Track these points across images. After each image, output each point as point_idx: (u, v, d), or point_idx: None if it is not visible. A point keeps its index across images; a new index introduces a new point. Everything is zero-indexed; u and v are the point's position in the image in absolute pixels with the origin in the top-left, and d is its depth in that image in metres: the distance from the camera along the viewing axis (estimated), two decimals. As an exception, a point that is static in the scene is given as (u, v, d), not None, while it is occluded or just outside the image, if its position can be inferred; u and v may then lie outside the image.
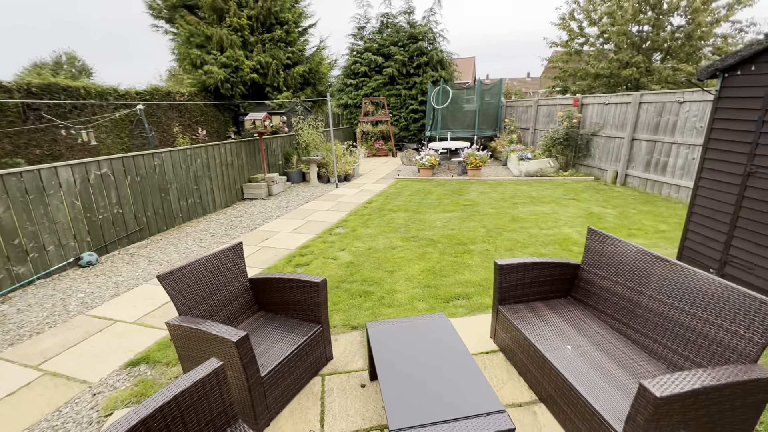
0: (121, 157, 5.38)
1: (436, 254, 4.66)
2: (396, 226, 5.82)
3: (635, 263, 2.33)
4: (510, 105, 13.64)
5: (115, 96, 11.37)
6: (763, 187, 3.13)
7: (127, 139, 11.49)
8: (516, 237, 5.17)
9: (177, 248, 5.32)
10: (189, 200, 6.63)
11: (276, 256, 4.87)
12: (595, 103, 8.91)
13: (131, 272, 4.54)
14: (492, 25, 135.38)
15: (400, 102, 15.08)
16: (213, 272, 2.54)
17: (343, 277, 4.11)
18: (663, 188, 7.16)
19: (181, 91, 13.18)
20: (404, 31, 14.79)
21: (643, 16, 12.53)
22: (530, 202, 7.05)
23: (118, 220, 5.31)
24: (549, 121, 10.87)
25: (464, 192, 8.00)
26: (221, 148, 7.48)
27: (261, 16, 13.20)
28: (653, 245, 4.72)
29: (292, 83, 13.87)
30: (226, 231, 6.03)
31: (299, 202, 7.71)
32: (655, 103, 7.25)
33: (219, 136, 14.20)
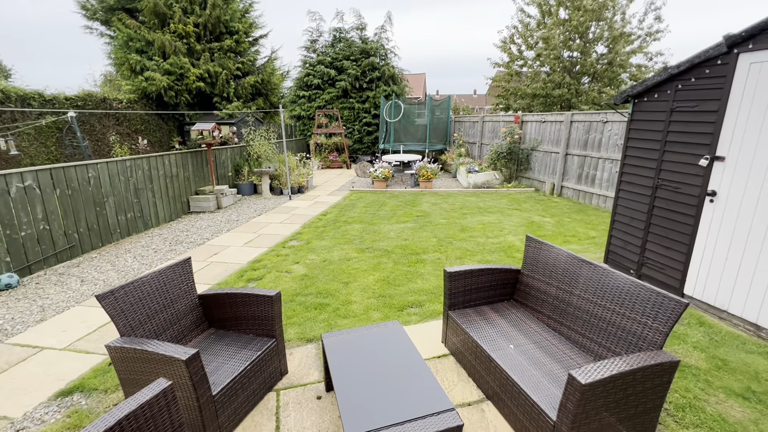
0: (48, 169, 4.94)
1: (390, 264, 4.77)
2: (351, 238, 5.88)
3: (566, 267, 2.60)
4: (458, 120, 14.35)
5: (41, 101, 10.40)
6: (667, 198, 3.62)
7: (54, 148, 10.51)
8: (465, 246, 5.45)
9: (115, 266, 4.95)
10: (128, 214, 6.20)
11: (226, 271, 4.71)
12: (533, 120, 9.69)
13: (60, 294, 4.15)
14: (442, 43, 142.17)
15: (354, 115, 15.28)
16: (159, 290, 2.43)
17: (297, 290, 4.08)
18: (593, 198, 7.91)
19: (119, 98, 12.35)
20: (356, 46, 15.10)
21: (573, 43, 13.91)
22: (478, 212, 7.45)
23: (44, 238, 4.84)
24: (494, 136, 11.59)
25: (417, 203, 8.27)
26: (165, 159, 7.11)
27: (209, 24, 12.82)
28: (584, 250, 5.20)
29: (242, 93, 13.55)
30: (170, 246, 5.71)
31: (251, 215, 7.50)
32: (584, 122, 8.05)
33: (162, 146, 13.42)
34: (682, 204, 3.48)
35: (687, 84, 3.34)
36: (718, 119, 3.12)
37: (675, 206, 3.55)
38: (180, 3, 12.37)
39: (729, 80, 3.02)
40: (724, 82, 3.06)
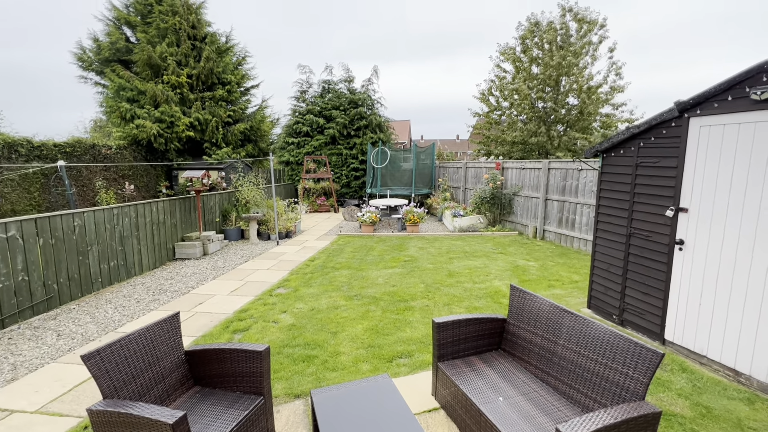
0: (34, 218, 4.90)
1: (378, 312, 4.77)
2: (339, 285, 5.87)
3: (549, 316, 2.69)
4: (443, 166, 14.91)
5: (29, 148, 10.44)
6: (640, 245, 3.83)
7: (37, 194, 10.40)
8: (453, 291, 5.50)
9: (94, 318, 4.79)
10: (112, 263, 6.09)
11: (212, 322, 4.61)
12: (514, 167, 10.18)
13: (35, 350, 3.98)
14: (425, 91, 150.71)
15: (342, 160, 15.73)
16: (146, 347, 2.40)
17: (285, 342, 4.02)
18: (574, 242, 8.18)
19: (108, 144, 12.49)
20: (345, 96, 15.88)
21: (545, 94, 14.98)
22: (464, 256, 7.58)
23: (21, 289, 4.69)
24: (477, 181, 12.05)
25: (404, 248, 8.37)
26: (153, 206, 7.13)
27: (203, 75, 13.39)
28: (568, 295, 5.32)
29: (232, 140, 13.89)
30: (153, 296, 5.59)
31: (237, 261, 7.44)
32: (561, 169, 8.51)
33: (149, 191, 13.41)
34: (655, 252, 3.68)
35: (648, 142, 3.67)
36: (678, 174, 3.41)
37: (648, 253, 3.75)
38: (175, 56, 12.97)
39: (684, 140, 3.35)
40: (679, 141, 3.38)
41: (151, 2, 13.16)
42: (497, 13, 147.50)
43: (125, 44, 13.01)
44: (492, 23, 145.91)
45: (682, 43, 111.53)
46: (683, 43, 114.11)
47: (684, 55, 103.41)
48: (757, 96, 2.75)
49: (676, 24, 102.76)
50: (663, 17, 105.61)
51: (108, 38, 13.02)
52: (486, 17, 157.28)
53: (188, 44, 13.24)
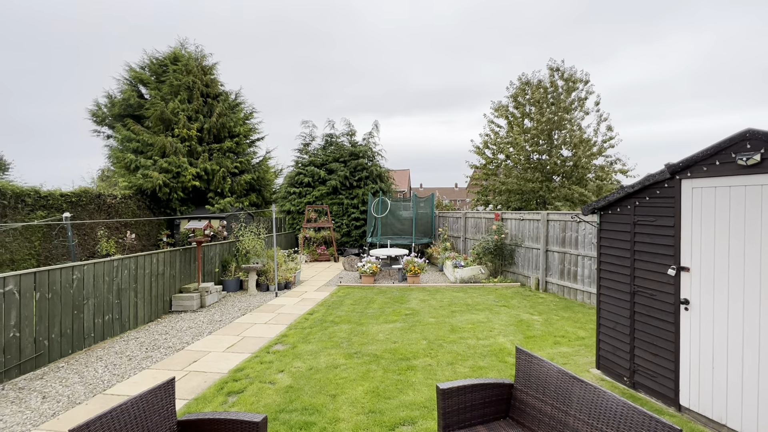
0: (33, 272, 4.88)
1: (380, 372, 4.58)
2: (338, 341, 5.70)
3: (558, 383, 2.59)
4: (443, 215, 15.09)
5: (36, 197, 10.63)
6: (646, 304, 3.78)
7: (38, 243, 10.42)
8: (456, 349, 5.33)
9: (83, 377, 4.59)
10: (107, 317, 5.96)
11: (206, 382, 4.42)
12: (513, 218, 10.30)
13: (16, 415, 3.77)
14: (423, 141, 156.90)
15: (342, 210, 15.94)
16: (137, 418, 2.28)
17: (281, 406, 3.82)
18: (578, 294, 8.06)
19: (114, 194, 12.73)
20: (346, 149, 16.48)
21: (539, 147, 15.56)
22: (467, 309, 7.43)
23: (11, 347, 4.55)
24: (477, 231, 12.13)
25: (405, 300, 8.23)
26: (154, 258, 7.11)
27: (214, 129, 13.99)
28: (576, 353, 5.15)
29: (237, 189, 14.20)
30: (146, 353, 5.39)
31: (235, 315, 7.27)
32: (560, 221, 8.61)
33: (150, 240, 13.44)
34: (661, 311, 3.63)
35: (643, 201, 3.77)
36: (676, 233, 3.47)
37: (655, 312, 3.69)
38: (186, 111, 13.64)
39: (678, 201, 3.45)
40: (673, 202, 3.48)
41: (167, 62, 14.11)
42: (489, 74, 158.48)
43: (137, 100, 13.74)
44: (484, 83, 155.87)
45: (667, 97, 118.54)
46: (669, 97, 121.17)
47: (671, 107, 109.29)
48: (743, 162, 2.88)
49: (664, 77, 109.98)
50: (646, 72, 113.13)
51: (122, 95, 13.79)
52: (478, 78, 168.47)
53: (200, 101, 13.99)
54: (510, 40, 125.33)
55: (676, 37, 67.44)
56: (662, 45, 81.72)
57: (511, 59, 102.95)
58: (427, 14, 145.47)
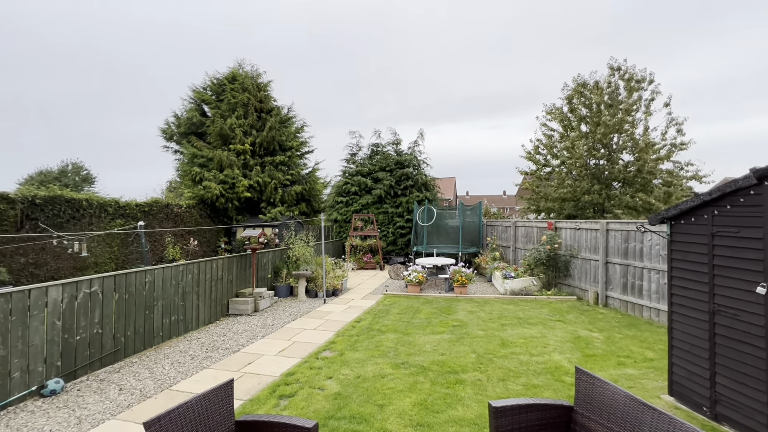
0: (113, 275, 5.42)
1: (427, 385, 4.50)
2: (385, 350, 5.69)
3: (626, 410, 2.37)
4: (491, 224, 14.65)
5: (115, 207, 11.86)
6: (728, 325, 3.36)
7: (117, 249, 11.59)
8: (507, 365, 5.09)
9: (152, 373, 5.00)
10: (173, 317, 6.46)
11: (259, 384, 4.61)
12: (568, 227, 9.73)
13: (98, 404, 4.18)
14: (469, 148, 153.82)
15: (388, 218, 16.05)
16: (200, 415, 2.43)
17: (330, 413, 3.87)
18: (643, 311, 7.39)
19: (180, 204, 13.86)
20: (392, 158, 16.64)
21: (597, 152, 14.61)
22: (518, 323, 7.09)
23: (95, 341, 5.08)
24: (528, 240, 11.61)
25: (452, 311, 8.04)
26: (214, 264, 7.61)
27: (265, 143, 14.82)
28: (643, 376, 4.70)
29: (288, 199, 14.86)
30: (207, 353, 5.76)
31: (286, 320, 7.55)
32: (621, 230, 7.99)
33: (209, 246, 14.45)
34: (748, 334, 3.21)
35: (723, 210, 3.38)
36: (766, 246, 3.06)
37: (739, 335, 3.28)
38: (242, 127, 14.59)
39: (767, 209, 3.05)
40: (762, 211, 3.08)
41: (225, 82, 15.23)
42: (538, 78, 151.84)
43: (200, 119, 14.95)
44: (534, 87, 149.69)
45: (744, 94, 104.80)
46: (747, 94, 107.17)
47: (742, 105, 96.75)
48: None
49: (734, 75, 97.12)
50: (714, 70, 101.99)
51: (187, 114, 15.09)
52: (527, 82, 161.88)
53: (254, 116, 14.90)
54: (561, 44, 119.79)
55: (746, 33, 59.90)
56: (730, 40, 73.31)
57: (563, 62, 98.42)
58: (470, 24, 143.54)
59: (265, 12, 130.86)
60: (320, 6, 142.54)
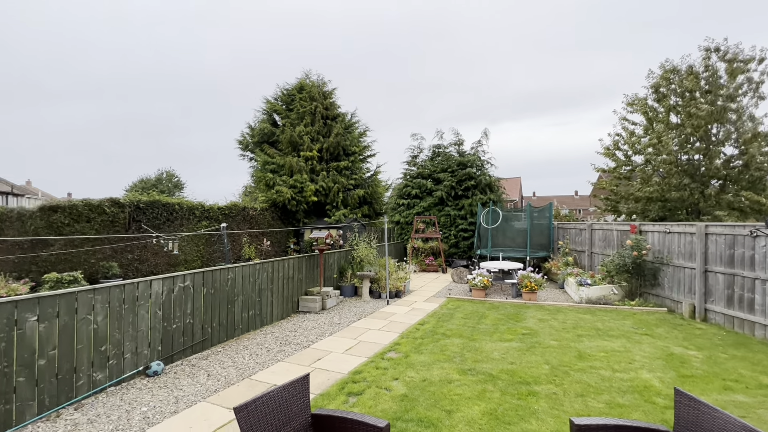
0: (201, 272, 6.03)
1: (497, 394, 4.32)
2: (450, 355, 5.58)
3: (743, 442, 2.04)
4: (562, 227, 13.68)
5: (201, 210, 13.18)
6: None
7: (203, 248, 12.87)
8: (586, 379, 4.70)
9: (234, 362, 5.46)
10: (251, 312, 7.00)
11: (328, 380, 4.80)
12: (655, 230, 8.73)
13: (191, 386, 4.66)
14: (535, 147, 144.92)
15: (450, 221, 15.78)
16: (281, 405, 2.59)
17: (397, 414, 3.90)
18: (756, 329, 6.34)
19: (255, 207, 15.00)
20: (454, 159, 16.35)
21: (690, 146, 12.90)
22: (596, 334, 6.52)
23: (187, 330, 5.68)
24: (606, 245, 10.63)
25: (521, 318, 7.65)
26: (285, 263, 8.10)
27: (331, 148, 15.46)
28: (759, 405, 4.03)
29: (351, 202, 15.33)
30: (280, 347, 6.14)
31: (351, 319, 7.77)
32: (725, 234, 6.96)
33: (280, 246, 15.42)
34: None
35: None
36: None
37: None
38: (309, 134, 15.37)
39: None
40: None
41: (294, 92, 16.17)
42: (612, 69, 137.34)
43: (270, 129, 16.05)
44: (606, 78, 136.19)
45: None
46: None
47: None
48: None
49: None
50: None
51: (259, 125, 16.30)
52: (598, 74, 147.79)
53: (321, 123, 15.62)
54: (635, 30, 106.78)
55: None
56: None
57: (640, 49, 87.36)
58: (526, 17, 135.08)
59: (329, 20, 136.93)
60: (373, 9, 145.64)
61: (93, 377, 4.42)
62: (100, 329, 4.53)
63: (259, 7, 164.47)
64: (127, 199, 11.36)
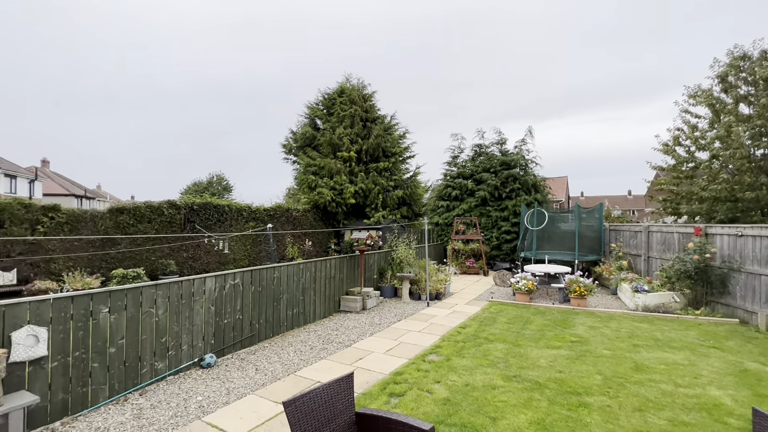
0: (250, 270, 6.32)
1: (544, 403, 4.14)
2: (494, 360, 5.43)
3: (841, 474, 1.80)
4: (614, 229, 12.85)
5: (248, 212, 13.82)
6: None
7: (250, 247, 13.48)
8: (644, 393, 4.37)
9: (280, 358, 5.66)
10: (294, 310, 7.23)
11: (370, 380, 4.84)
12: (724, 233, 7.95)
13: (241, 379, 4.90)
14: (582, 144, 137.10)
15: (492, 222, 15.36)
16: (327, 402, 2.65)
17: (440, 418, 3.85)
18: None
19: (297, 208, 15.50)
20: (496, 159, 15.89)
21: (765, 140, 11.61)
22: (655, 345, 6.05)
23: (237, 326, 5.98)
24: (666, 248, 9.83)
25: (569, 324, 7.27)
26: (327, 263, 8.29)
27: (370, 150, 15.63)
28: None
29: (390, 203, 15.40)
30: (323, 345, 6.28)
31: (391, 320, 7.79)
32: (809, 238, 6.19)
33: (321, 246, 15.82)
34: None
35: None
36: None
37: None
38: (349, 136, 15.64)
39: None
40: None
41: (335, 96, 16.53)
42: (665, 59, 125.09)
43: (312, 133, 16.52)
44: (660, 70, 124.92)
45: None
46: None
47: None
48: None
49: None
50: None
51: (302, 130, 16.84)
52: (650, 65, 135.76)
53: (360, 125, 15.84)
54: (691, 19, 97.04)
55: None
56: None
57: (697, 37, 78.45)
58: (572, 7, 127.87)
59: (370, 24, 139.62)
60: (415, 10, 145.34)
61: (155, 366, 4.78)
62: (161, 322, 4.89)
63: (305, 15, 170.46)
64: (182, 202, 12.18)
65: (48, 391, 3.82)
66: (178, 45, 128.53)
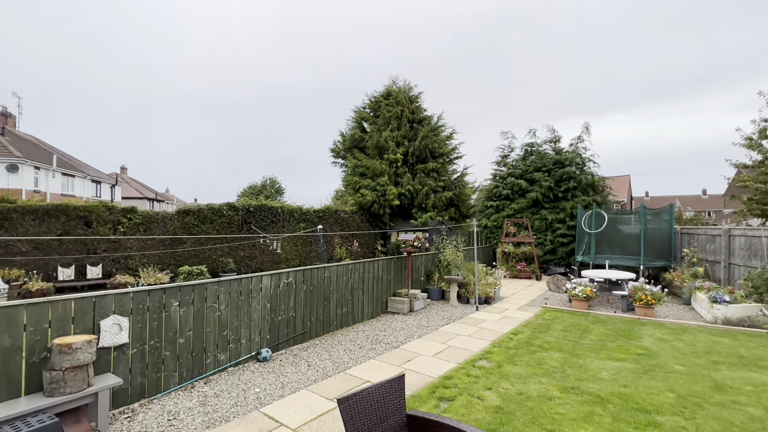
0: (302, 270, 6.57)
1: (607, 418, 3.85)
2: (549, 369, 5.16)
3: None
4: (687, 232, 11.67)
5: (299, 213, 14.37)
6: None
7: (300, 247, 14.01)
8: (727, 416, 3.91)
9: (331, 356, 5.82)
10: (344, 309, 7.40)
11: (419, 382, 4.81)
12: (825, 238, 6.90)
13: (294, 374, 5.10)
14: (646, 140, 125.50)
15: (546, 225, 14.63)
16: (379, 402, 2.68)
17: (492, 426, 3.73)
18: None
19: (345, 209, 15.85)
20: (549, 157, 15.13)
21: None
22: (739, 363, 5.39)
23: (290, 322, 6.24)
24: (750, 254, 8.74)
25: (634, 335, 6.71)
26: (375, 264, 8.38)
27: (417, 151, 15.60)
28: None
29: (438, 205, 15.25)
30: (371, 345, 6.36)
31: (439, 323, 7.70)
32: None
33: (368, 247, 16.03)
34: None
35: None
36: None
37: None
38: (395, 138, 15.71)
39: None
40: None
41: (380, 99, 16.70)
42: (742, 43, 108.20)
43: (360, 135, 16.81)
44: (735, 54, 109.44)
45: None
46: None
47: None
48: None
49: None
50: None
51: (350, 132, 17.20)
52: (725, 50, 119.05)
53: (407, 127, 15.87)
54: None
55: None
56: None
57: None
58: None
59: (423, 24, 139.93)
60: (466, 7, 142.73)
61: (217, 357, 5.13)
62: (223, 316, 5.23)
63: (358, 18, 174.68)
64: (240, 204, 12.97)
65: (129, 375, 4.24)
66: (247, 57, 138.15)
